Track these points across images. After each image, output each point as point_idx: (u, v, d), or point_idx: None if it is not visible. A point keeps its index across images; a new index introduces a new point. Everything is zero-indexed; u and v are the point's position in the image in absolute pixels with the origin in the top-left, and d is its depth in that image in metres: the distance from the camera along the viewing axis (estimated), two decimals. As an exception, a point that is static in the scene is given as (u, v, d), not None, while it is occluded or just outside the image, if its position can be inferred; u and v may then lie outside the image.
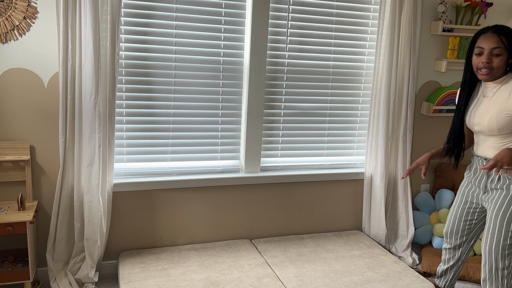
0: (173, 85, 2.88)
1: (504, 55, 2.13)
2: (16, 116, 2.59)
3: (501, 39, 2.12)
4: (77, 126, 2.58)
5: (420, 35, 3.16)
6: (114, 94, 2.63)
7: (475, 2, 3.23)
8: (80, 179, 2.65)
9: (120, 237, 2.93)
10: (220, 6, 2.88)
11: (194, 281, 2.61)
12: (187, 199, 3.02)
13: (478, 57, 2.19)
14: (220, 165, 3.12)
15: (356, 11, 3.15)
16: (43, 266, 2.78)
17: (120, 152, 2.86)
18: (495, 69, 2.15)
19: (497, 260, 2.23)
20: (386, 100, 3.14)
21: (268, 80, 3.07)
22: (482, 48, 2.16)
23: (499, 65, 2.14)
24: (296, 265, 2.86)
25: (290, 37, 3.06)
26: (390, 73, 3.12)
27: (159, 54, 2.81)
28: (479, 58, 2.19)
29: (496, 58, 2.14)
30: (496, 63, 2.14)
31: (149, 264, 2.77)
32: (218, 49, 2.93)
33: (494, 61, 2.14)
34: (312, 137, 3.26)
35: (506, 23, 3.48)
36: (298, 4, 3.02)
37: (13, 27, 2.48)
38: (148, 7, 2.74)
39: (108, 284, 2.83)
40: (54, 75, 2.60)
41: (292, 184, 3.24)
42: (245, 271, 2.75)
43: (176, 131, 2.95)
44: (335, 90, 3.24)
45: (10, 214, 2.48)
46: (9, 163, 2.60)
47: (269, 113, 3.12)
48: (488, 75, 2.18)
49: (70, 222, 2.70)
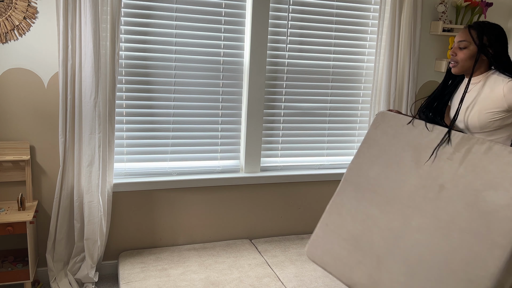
0: (173, 85, 2.88)
1: (470, 48, 2.10)
2: (16, 116, 2.59)
3: (470, 33, 2.10)
4: (77, 126, 2.58)
5: (420, 35, 3.16)
6: (114, 94, 2.63)
7: (475, 2, 3.23)
8: (80, 179, 2.65)
9: (120, 237, 2.93)
10: (220, 6, 2.88)
11: (194, 281, 2.61)
12: (187, 199, 3.02)
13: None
14: (220, 165, 3.12)
15: (356, 11, 3.15)
16: (43, 266, 2.78)
17: (120, 152, 2.86)
18: (460, 62, 2.13)
19: None
20: (386, 100, 3.14)
21: (268, 80, 3.07)
22: (454, 43, 2.18)
23: (463, 58, 2.11)
24: (296, 265, 2.86)
25: (290, 37, 3.06)
26: (390, 73, 3.12)
27: (159, 54, 2.81)
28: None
29: (460, 51, 2.12)
30: (459, 56, 2.12)
31: (149, 264, 2.77)
32: (218, 49, 2.93)
33: (458, 53, 2.12)
34: (312, 137, 3.26)
35: (506, 23, 3.48)
36: (298, 4, 3.02)
37: (13, 27, 2.48)
38: (148, 7, 2.74)
39: (108, 284, 2.83)
40: (54, 75, 2.60)
41: (292, 184, 3.24)
42: (245, 271, 2.75)
43: (176, 131, 2.95)
44: (335, 90, 3.24)
45: (10, 214, 2.48)
46: (9, 163, 2.60)
47: (269, 113, 3.12)
48: (454, 67, 2.16)
49: (70, 222, 2.70)
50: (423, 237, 1.83)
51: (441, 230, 1.80)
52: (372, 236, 1.98)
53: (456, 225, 1.78)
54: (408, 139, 2.10)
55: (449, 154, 1.93)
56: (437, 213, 1.85)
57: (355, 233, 2.05)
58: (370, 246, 1.97)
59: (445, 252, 1.76)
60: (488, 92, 2.09)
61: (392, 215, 1.97)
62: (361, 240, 2.01)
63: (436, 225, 1.82)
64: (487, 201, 1.74)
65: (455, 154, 1.91)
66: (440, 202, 1.86)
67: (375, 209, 2.03)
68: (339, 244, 2.08)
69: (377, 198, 2.06)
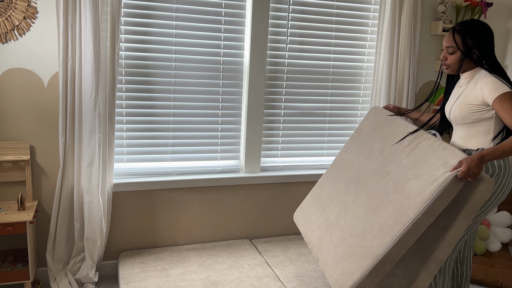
0: (173, 85, 2.88)
1: (458, 53, 2.26)
2: (16, 116, 2.59)
3: (455, 39, 2.25)
4: (77, 126, 2.58)
5: (420, 35, 3.16)
6: (114, 94, 2.63)
7: (475, 2, 3.23)
8: (80, 179, 2.65)
9: (120, 237, 2.93)
10: (220, 6, 2.88)
11: (194, 281, 2.61)
12: (187, 199, 3.02)
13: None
14: (220, 165, 3.12)
15: (356, 11, 3.15)
16: (43, 266, 2.78)
17: (120, 152, 2.86)
18: (451, 66, 2.30)
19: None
20: (386, 100, 3.14)
21: (268, 80, 3.07)
22: (443, 45, 2.34)
23: (453, 62, 2.28)
24: (296, 265, 2.86)
25: (290, 37, 3.06)
26: (390, 73, 3.12)
27: (159, 54, 2.81)
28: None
29: (450, 56, 2.29)
30: (449, 60, 2.30)
31: (149, 264, 2.77)
32: (218, 49, 2.93)
33: (449, 58, 2.30)
34: (312, 137, 3.26)
35: (506, 23, 3.48)
36: (298, 4, 3.02)
37: (13, 27, 2.48)
38: (148, 7, 2.74)
39: (108, 284, 2.83)
40: (54, 75, 2.60)
41: (292, 184, 3.24)
42: (245, 271, 2.75)
43: (176, 131, 2.95)
44: (335, 90, 3.24)
45: (10, 214, 2.48)
46: (9, 163, 2.60)
47: (269, 113, 3.12)
48: (448, 70, 2.34)
49: (70, 222, 2.70)
50: (358, 211, 2.24)
51: (370, 207, 2.19)
52: (332, 206, 2.44)
53: (381, 204, 2.15)
54: (384, 132, 2.46)
55: (403, 147, 2.26)
56: (374, 193, 2.22)
57: (324, 204, 2.52)
58: (328, 214, 2.43)
59: (366, 224, 2.15)
60: (472, 86, 2.24)
61: (350, 192, 2.39)
62: (325, 209, 2.49)
63: (369, 203, 2.21)
64: (408, 188, 2.05)
65: (407, 147, 2.24)
66: (380, 185, 2.22)
67: (342, 186, 2.48)
68: (312, 211, 2.59)
69: (347, 178, 2.49)
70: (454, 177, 1.94)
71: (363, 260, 2.09)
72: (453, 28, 2.27)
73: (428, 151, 2.13)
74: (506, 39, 3.51)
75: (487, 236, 3.30)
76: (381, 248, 2.05)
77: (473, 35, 2.22)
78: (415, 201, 2.01)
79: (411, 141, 2.25)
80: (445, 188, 1.94)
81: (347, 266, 2.12)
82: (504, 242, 3.37)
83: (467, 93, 2.26)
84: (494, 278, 2.99)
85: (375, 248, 2.08)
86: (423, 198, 1.98)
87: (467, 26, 2.24)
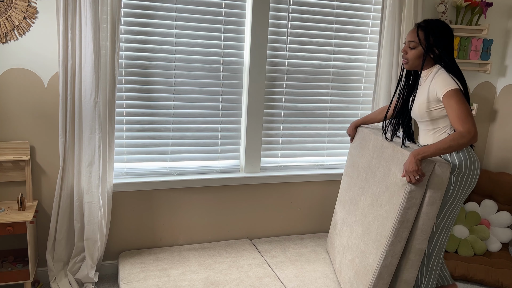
0: (173, 85, 2.88)
1: (418, 49, 2.29)
2: (16, 116, 2.59)
3: (418, 34, 2.28)
4: (77, 126, 2.58)
5: (420, 35, 3.16)
6: (114, 94, 2.63)
7: (475, 2, 3.23)
8: (80, 179, 2.65)
9: (120, 237, 2.93)
10: (220, 6, 2.88)
11: (194, 281, 2.61)
12: (187, 199, 3.02)
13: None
14: (220, 165, 3.12)
15: (357, 11, 3.15)
16: (43, 266, 2.78)
17: (120, 152, 2.86)
18: (410, 61, 2.34)
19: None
20: (386, 100, 3.14)
21: (268, 80, 3.07)
22: (405, 39, 2.37)
23: (412, 57, 2.32)
24: (296, 265, 2.86)
25: (290, 37, 3.06)
26: (390, 73, 3.11)
27: (159, 54, 2.81)
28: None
29: (410, 51, 2.33)
30: (409, 55, 2.33)
31: (149, 264, 2.77)
32: (218, 49, 2.93)
33: (409, 52, 2.33)
34: (312, 137, 3.26)
35: (506, 23, 3.48)
36: (298, 4, 3.02)
37: (13, 27, 2.48)
38: (148, 7, 2.74)
39: (108, 284, 2.83)
40: (54, 75, 2.60)
41: (292, 184, 3.24)
42: (245, 271, 2.75)
43: (176, 131, 2.95)
44: (335, 90, 3.24)
45: (10, 214, 2.48)
46: (9, 163, 2.60)
47: (269, 113, 3.12)
48: (406, 65, 2.38)
49: (70, 222, 2.70)
50: (359, 231, 2.45)
51: (364, 225, 2.41)
52: (343, 230, 2.68)
53: (371, 221, 2.35)
54: (365, 149, 2.65)
55: (378, 160, 2.43)
56: (365, 211, 2.44)
57: (339, 228, 2.76)
58: (342, 238, 2.68)
59: (364, 243, 2.37)
60: (428, 84, 2.29)
61: (351, 213, 2.62)
62: (340, 234, 2.72)
63: (363, 221, 2.42)
64: (385, 201, 2.26)
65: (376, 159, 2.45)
66: (367, 201, 2.44)
67: (346, 208, 2.71)
68: (333, 238, 2.84)
69: (348, 200, 2.70)
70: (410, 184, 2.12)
71: (366, 278, 2.29)
72: (418, 24, 2.32)
73: (389, 160, 2.32)
74: (506, 39, 3.51)
75: (487, 236, 3.30)
76: (375, 263, 2.24)
77: (436, 34, 2.26)
78: (391, 212, 2.20)
79: (377, 152, 2.47)
80: (408, 197, 2.13)
81: (358, 287, 2.35)
82: (504, 242, 3.37)
83: (424, 90, 2.30)
84: (494, 278, 2.99)
85: (371, 264, 2.27)
86: (395, 208, 2.18)
87: (432, 24, 2.29)
